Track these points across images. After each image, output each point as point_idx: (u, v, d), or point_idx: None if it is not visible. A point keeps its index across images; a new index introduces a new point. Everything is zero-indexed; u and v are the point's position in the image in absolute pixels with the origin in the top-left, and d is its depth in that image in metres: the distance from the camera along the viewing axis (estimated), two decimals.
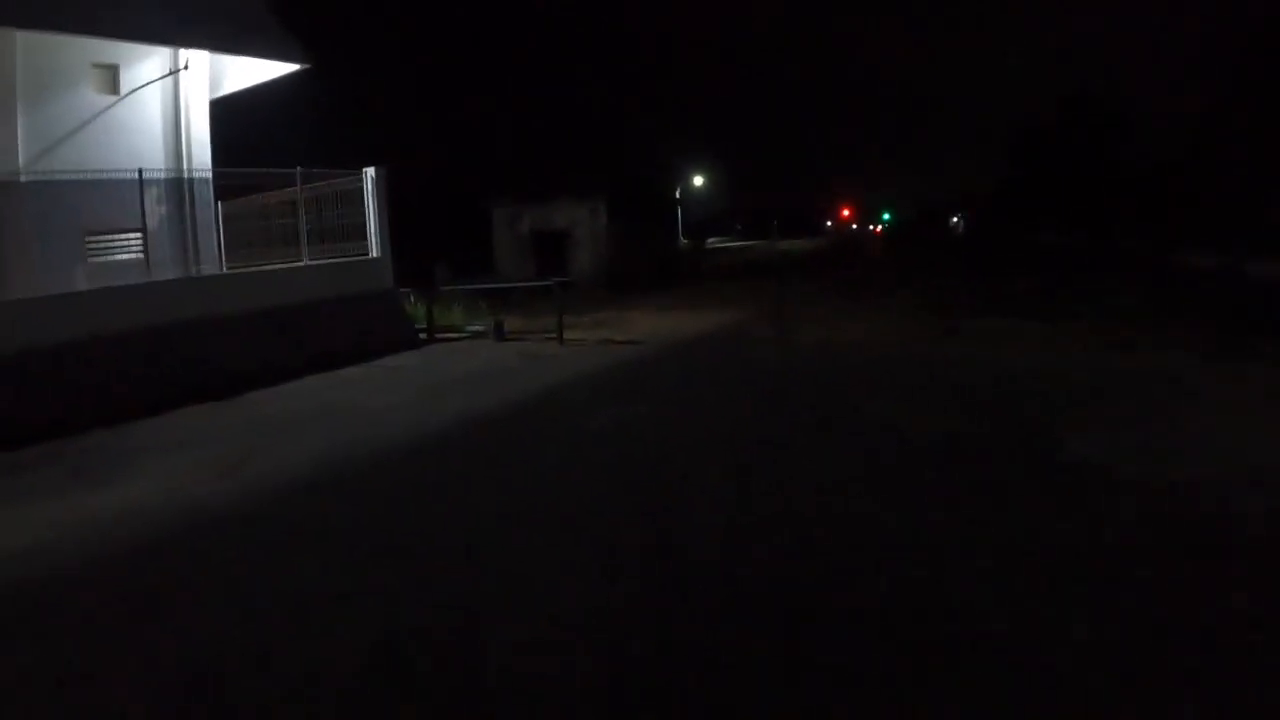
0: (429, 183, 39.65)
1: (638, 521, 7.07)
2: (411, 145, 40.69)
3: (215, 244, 18.92)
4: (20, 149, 16.19)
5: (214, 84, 19.87)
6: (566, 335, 18.25)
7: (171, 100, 18.61)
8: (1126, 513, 6.79)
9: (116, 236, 16.79)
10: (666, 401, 11.70)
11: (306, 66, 19.03)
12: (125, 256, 16.79)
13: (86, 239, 16.68)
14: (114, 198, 15.79)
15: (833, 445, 9.14)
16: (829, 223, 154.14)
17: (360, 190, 18.80)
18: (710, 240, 77.67)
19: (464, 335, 20.20)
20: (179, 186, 18.30)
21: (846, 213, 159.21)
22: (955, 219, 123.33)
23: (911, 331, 17.11)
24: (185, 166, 18.51)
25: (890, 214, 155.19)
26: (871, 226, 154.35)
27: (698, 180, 73.49)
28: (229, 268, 18.80)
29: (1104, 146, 59.00)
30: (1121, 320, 17.21)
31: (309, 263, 17.84)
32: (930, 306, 20.99)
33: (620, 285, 31.38)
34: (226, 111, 21.11)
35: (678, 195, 58.63)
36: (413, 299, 21.63)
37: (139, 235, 17.21)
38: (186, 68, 18.07)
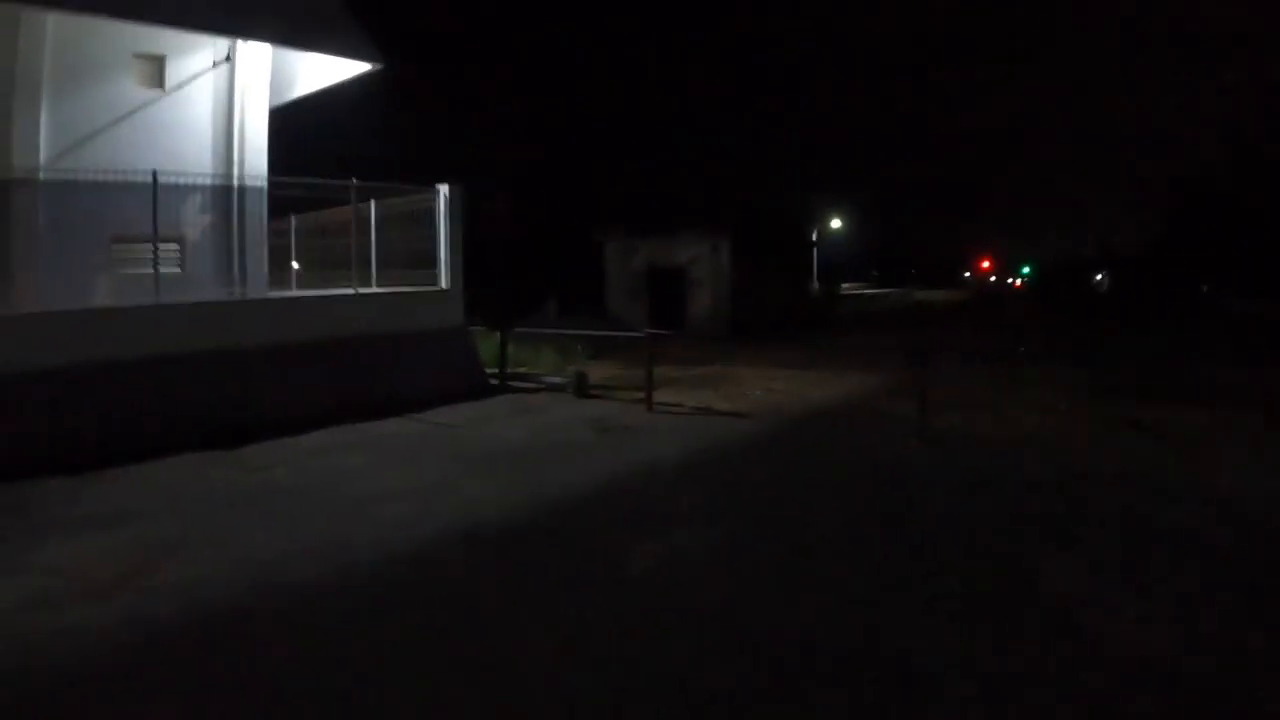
0: (540, 209, 37.21)
1: None
2: (522, 166, 38.40)
3: (264, 262, 16.37)
4: (43, 144, 14.09)
5: (282, 87, 17.57)
6: (663, 397, 15.01)
7: (225, 100, 16.25)
8: None
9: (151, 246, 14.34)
10: (752, 531, 8.03)
11: (379, 67, 16.45)
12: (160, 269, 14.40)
13: (114, 247, 14.39)
14: (149, 202, 13.27)
15: (1003, 673, 5.30)
16: (967, 273, 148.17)
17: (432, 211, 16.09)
18: (844, 285, 73.75)
19: (541, 386, 17.11)
20: (227, 195, 15.85)
21: (986, 264, 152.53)
22: (1100, 275, 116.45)
23: (1090, 426, 12.99)
24: (235, 173, 16.06)
25: (1030, 266, 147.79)
26: (1010, 279, 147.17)
27: (835, 222, 69.88)
28: (300, 289, 16.47)
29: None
30: None
31: (361, 291, 15.11)
32: (1105, 387, 16.51)
33: (741, 332, 27.96)
34: (305, 121, 18.84)
35: (814, 237, 55.06)
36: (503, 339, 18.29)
37: (176, 246, 14.95)
38: (229, 59, 15.61)
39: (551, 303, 31.53)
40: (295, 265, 17.57)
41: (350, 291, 15.02)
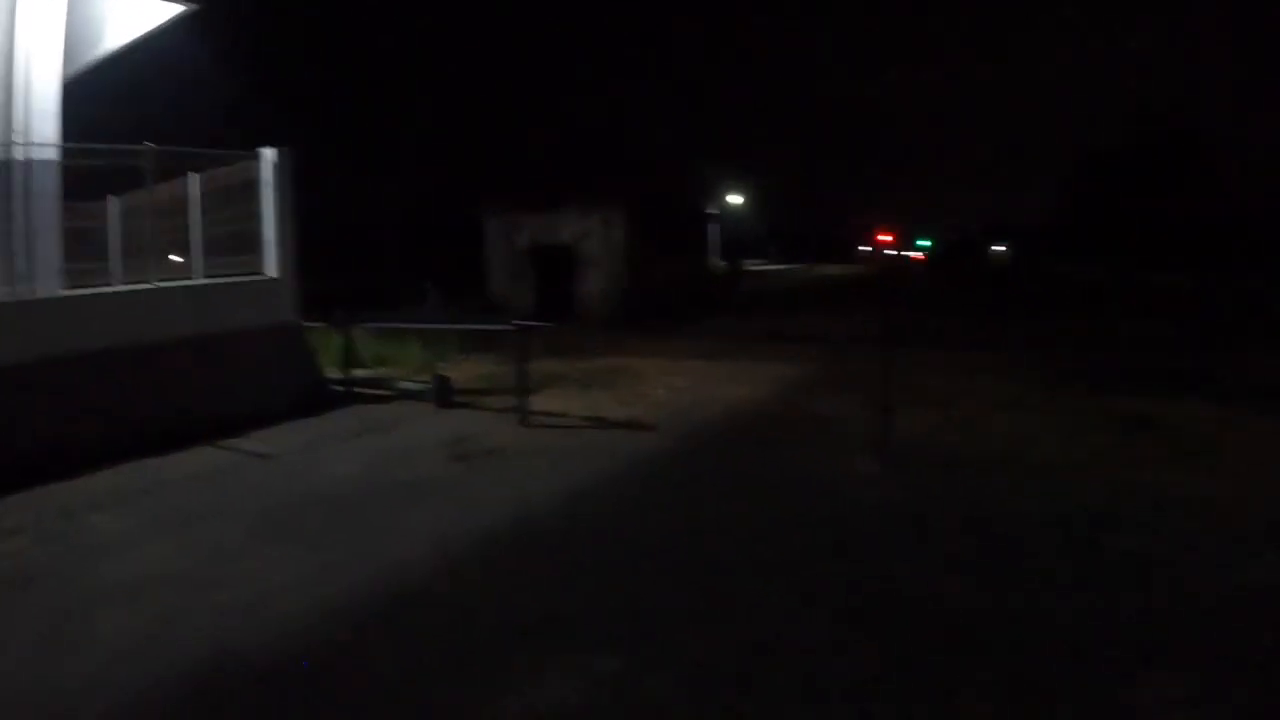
0: (414, 184, 34.17)
1: None
2: (405, 139, 35.38)
3: (56, 252, 13.28)
4: None
5: (87, 40, 14.44)
6: (546, 403, 12.41)
7: (5, 50, 13.10)
8: None
9: None
10: (664, 660, 5.13)
11: (194, 7, 13.46)
12: None
13: None
14: None
15: None
16: (866, 247, 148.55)
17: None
18: (747, 262, 71.78)
19: (395, 394, 14.23)
20: (5, 170, 12.73)
21: (888, 237, 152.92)
22: (1000, 247, 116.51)
23: (1074, 426, 10.75)
24: (14, 142, 12.96)
25: (929, 240, 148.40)
26: (912, 253, 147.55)
27: (735, 198, 67.73)
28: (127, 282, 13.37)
29: (1191, 173, 52.82)
30: None
31: (162, 284, 12.16)
32: (1059, 373, 14.48)
33: (638, 315, 25.33)
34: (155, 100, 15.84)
35: (712, 212, 52.68)
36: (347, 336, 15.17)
37: None
38: None
39: (430, 289, 28.59)
40: (177, 258, 14.44)
41: (149, 286, 12.06)
